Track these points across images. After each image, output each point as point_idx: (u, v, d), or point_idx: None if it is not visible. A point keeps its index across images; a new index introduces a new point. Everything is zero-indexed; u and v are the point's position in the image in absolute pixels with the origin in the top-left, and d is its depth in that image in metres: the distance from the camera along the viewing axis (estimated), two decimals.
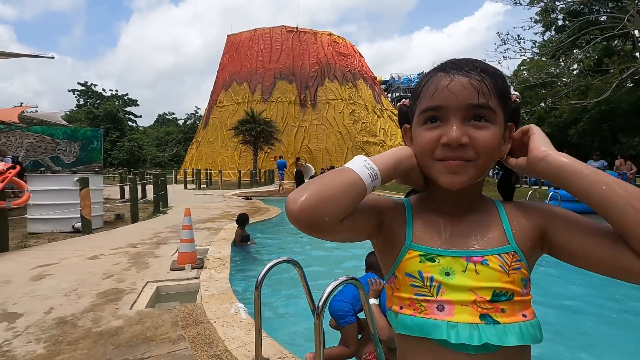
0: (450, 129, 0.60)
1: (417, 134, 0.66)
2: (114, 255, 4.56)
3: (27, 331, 2.44)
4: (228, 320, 2.61)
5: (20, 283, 3.46)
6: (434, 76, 0.64)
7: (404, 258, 0.66)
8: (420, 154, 0.66)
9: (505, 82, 0.65)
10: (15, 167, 5.12)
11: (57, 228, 6.27)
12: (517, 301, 0.61)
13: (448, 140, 0.60)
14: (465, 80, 0.60)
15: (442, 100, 0.61)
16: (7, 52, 9.60)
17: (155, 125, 60.93)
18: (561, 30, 15.12)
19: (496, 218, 0.67)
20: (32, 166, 14.93)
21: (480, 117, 0.61)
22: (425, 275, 0.63)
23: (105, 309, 2.83)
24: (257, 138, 22.36)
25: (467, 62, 0.63)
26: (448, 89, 0.61)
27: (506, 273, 0.61)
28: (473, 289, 0.61)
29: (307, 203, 0.57)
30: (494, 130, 0.61)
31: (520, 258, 0.63)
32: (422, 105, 0.65)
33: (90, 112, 43.34)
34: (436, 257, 0.64)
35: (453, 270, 0.62)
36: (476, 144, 0.60)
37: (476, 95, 0.60)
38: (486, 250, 0.63)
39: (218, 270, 3.83)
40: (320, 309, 1.54)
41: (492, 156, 0.63)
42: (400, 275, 0.66)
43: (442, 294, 0.62)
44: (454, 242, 0.65)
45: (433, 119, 0.63)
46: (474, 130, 0.60)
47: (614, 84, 11.98)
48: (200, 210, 9.21)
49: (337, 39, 33.95)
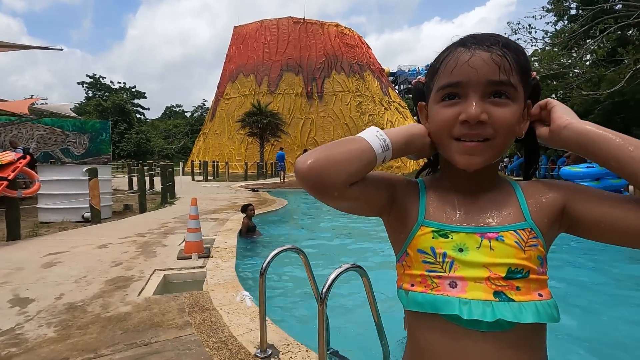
0: (470, 105, 0.58)
1: (434, 111, 0.64)
2: (122, 244, 4.63)
3: (38, 316, 2.50)
4: (234, 307, 2.64)
5: (31, 270, 3.54)
6: (454, 51, 0.62)
7: (416, 234, 0.65)
8: (437, 131, 0.64)
9: (527, 58, 0.63)
10: (25, 157, 5.20)
11: (67, 217, 6.39)
12: (533, 279, 0.59)
13: (467, 117, 0.58)
14: (487, 55, 0.58)
15: (461, 76, 0.59)
16: (17, 44, 9.69)
17: (162, 117, 61.31)
18: (574, 19, 14.74)
19: (512, 195, 0.66)
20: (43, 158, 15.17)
21: (501, 94, 0.59)
22: (438, 251, 0.62)
23: (113, 296, 2.88)
24: (263, 130, 22.37)
25: (489, 36, 0.61)
26: (468, 64, 0.58)
27: (522, 249, 0.59)
28: (487, 265, 0.59)
29: (315, 164, 0.58)
30: (513, 107, 0.59)
31: (536, 235, 0.61)
32: (440, 82, 0.62)
33: (99, 105, 43.73)
34: (449, 233, 0.63)
35: (467, 246, 0.61)
36: (495, 121, 0.58)
37: (497, 71, 0.58)
38: (501, 227, 0.61)
39: (224, 260, 3.87)
40: (323, 295, 1.55)
41: (510, 135, 0.61)
42: (412, 252, 0.65)
43: (454, 270, 0.60)
44: (468, 218, 0.64)
45: (451, 95, 0.61)
46: (493, 108, 0.58)
47: (627, 74, 11.68)
48: (207, 201, 9.28)
49: (345, 30, 33.59)
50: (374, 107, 31.53)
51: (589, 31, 13.34)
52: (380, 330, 1.66)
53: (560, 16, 15.39)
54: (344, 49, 32.13)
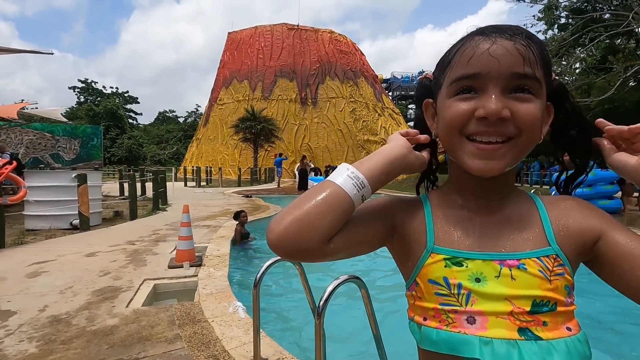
0: (489, 99, 0.50)
1: (445, 106, 0.55)
2: (111, 252, 4.50)
3: (19, 329, 2.38)
4: (226, 319, 2.55)
5: (15, 280, 3.40)
6: (471, 40, 0.53)
7: (425, 263, 0.57)
8: (447, 128, 0.55)
9: (549, 54, 0.55)
10: (12, 162, 5.06)
11: (54, 225, 6.22)
12: (560, 312, 0.52)
13: (486, 113, 0.50)
14: (510, 44, 0.50)
15: (480, 67, 0.51)
16: (7, 47, 9.53)
17: (155, 122, 60.87)
18: (564, 28, 15.01)
19: (534, 214, 0.57)
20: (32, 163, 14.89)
21: (524, 89, 0.51)
22: (452, 282, 0.54)
23: (100, 307, 2.76)
24: (257, 136, 22.30)
25: (510, 26, 0.53)
26: (489, 53, 0.50)
27: (547, 279, 0.52)
28: (509, 297, 0.51)
29: (284, 231, 0.52)
30: (538, 104, 0.52)
31: (563, 262, 0.53)
32: (454, 73, 0.54)
33: (90, 110, 43.26)
34: (464, 260, 0.55)
35: (484, 275, 0.53)
36: (518, 118, 0.50)
37: (522, 63, 0.50)
38: (523, 253, 0.54)
39: (217, 268, 3.77)
40: (321, 309, 1.48)
41: (534, 135, 0.53)
42: (422, 283, 0.57)
43: (472, 303, 0.52)
44: (484, 242, 0.56)
45: (467, 89, 0.53)
46: (516, 103, 0.50)
47: (617, 82, 11.88)
48: (199, 207, 9.14)
49: (339, 36, 33.83)
50: (368, 113, 31.68)
51: (578, 39, 13.57)
52: (379, 344, 1.59)
53: (550, 25, 15.66)
54: (338, 56, 32.32)
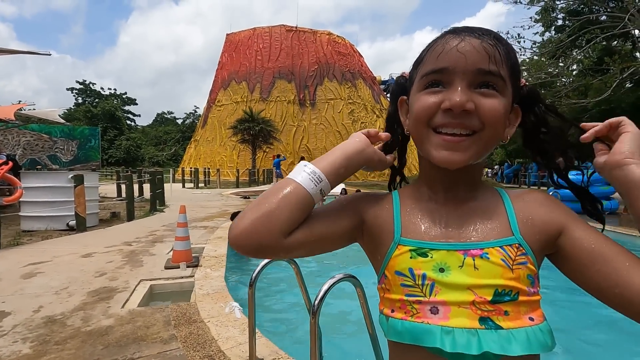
0: (454, 92, 0.52)
1: (415, 100, 0.58)
2: (107, 253, 4.48)
3: (13, 330, 2.37)
4: (222, 319, 2.54)
5: (10, 281, 3.38)
6: (442, 38, 0.56)
7: (393, 255, 0.58)
8: (416, 121, 0.57)
9: (517, 58, 0.58)
10: (8, 163, 5.03)
11: (51, 226, 6.18)
12: (522, 302, 0.52)
13: (451, 105, 0.52)
14: (477, 42, 0.53)
15: (448, 62, 0.53)
16: (4, 48, 9.51)
17: (153, 124, 60.84)
18: (561, 29, 15.07)
19: (499, 206, 0.59)
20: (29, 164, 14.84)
21: (489, 85, 0.53)
22: (416, 272, 0.55)
23: (96, 308, 2.75)
24: (255, 137, 22.30)
25: (482, 28, 0.57)
26: (457, 49, 0.53)
27: (509, 268, 0.53)
28: (472, 287, 0.52)
29: (244, 229, 0.54)
30: (502, 101, 0.54)
31: (525, 251, 0.54)
32: (424, 68, 0.57)
33: (88, 111, 43.21)
34: (429, 251, 0.56)
35: (448, 265, 0.54)
36: (482, 112, 0.52)
37: (487, 60, 0.52)
38: (486, 242, 0.55)
39: (214, 269, 3.75)
40: (316, 307, 1.48)
41: (499, 129, 0.55)
42: (390, 275, 0.58)
43: (436, 293, 0.53)
44: (449, 233, 0.57)
45: (435, 83, 0.55)
46: (480, 98, 0.53)
47: (614, 83, 11.93)
48: (197, 209, 9.12)
49: (337, 38, 33.89)
50: (366, 115, 31.72)
51: (575, 41, 13.63)
52: (375, 343, 1.59)
53: (547, 26, 15.74)
54: (336, 57, 32.38)
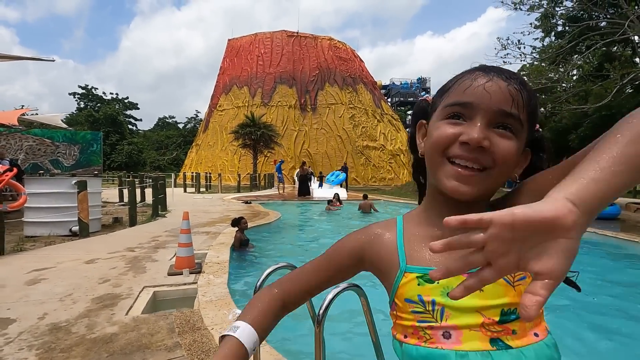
0: (474, 128, 0.55)
1: (435, 127, 0.60)
2: (111, 259, 4.50)
3: (19, 337, 2.38)
4: (226, 327, 2.54)
5: (14, 287, 3.40)
6: (471, 73, 0.59)
7: (400, 283, 0.60)
8: (432, 147, 0.59)
9: (537, 104, 0.60)
10: (12, 169, 5.07)
11: (54, 231, 6.21)
12: None
13: (468, 139, 0.54)
14: (504, 85, 0.56)
15: (473, 97, 0.56)
16: (8, 54, 9.61)
17: (155, 128, 61.00)
18: (561, 35, 15.17)
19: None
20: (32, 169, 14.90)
21: (507, 127, 0.56)
22: (426, 299, 0.57)
23: (100, 315, 2.76)
24: (257, 142, 22.37)
25: (509, 71, 0.59)
26: (484, 87, 0.56)
27: (511, 286, 0.55)
28: (480, 309, 0.55)
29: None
30: (516, 144, 0.56)
31: None
32: (449, 99, 0.59)
33: (90, 115, 43.38)
34: None
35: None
36: (496, 151, 0.55)
37: (510, 103, 0.55)
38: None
39: (216, 275, 3.77)
40: (320, 317, 1.49)
41: (508, 170, 0.58)
42: (400, 302, 0.60)
43: (446, 318, 0.56)
44: (451, 257, 0.58)
45: (457, 115, 0.57)
46: (497, 137, 0.55)
47: (614, 89, 11.98)
48: (199, 214, 9.15)
49: (338, 43, 34.10)
50: (367, 120, 31.82)
51: (575, 47, 13.71)
52: (379, 353, 1.60)
53: (547, 32, 15.83)
54: (337, 62, 32.56)
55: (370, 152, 30.36)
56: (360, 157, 29.71)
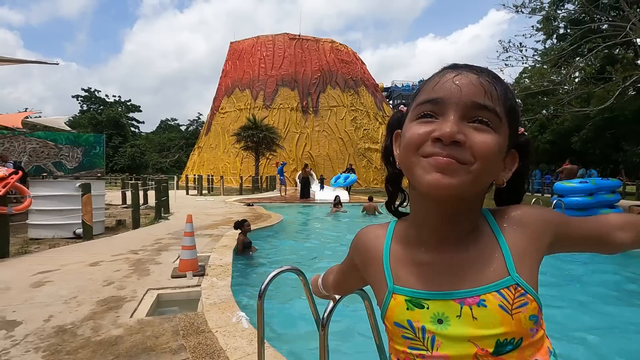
0: (445, 123, 0.50)
1: (407, 129, 0.55)
2: (114, 261, 4.52)
3: (25, 340, 2.41)
4: (230, 329, 2.57)
5: (20, 290, 3.43)
6: (440, 72, 0.56)
7: (389, 305, 0.57)
8: (405, 148, 0.55)
9: (516, 101, 0.56)
10: (17, 172, 5.12)
11: (58, 234, 6.25)
12: (526, 346, 0.52)
13: (440, 134, 0.49)
14: (474, 77, 0.52)
15: (442, 92, 0.52)
16: (13, 58, 9.69)
17: (157, 131, 61.24)
18: (563, 38, 15.17)
19: (491, 241, 0.55)
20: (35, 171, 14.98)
21: (482, 121, 0.51)
22: (415, 325, 0.54)
23: (105, 317, 2.79)
24: (259, 144, 22.42)
25: (480, 67, 0.56)
26: (453, 81, 0.52)
27: (509, 314, 0.51)
28: (472, 339, 0.51)
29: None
30: (496, 137, 0.51)
31: (525, 290, 0.52)
32: (419, 99, 0.56)
33: (93, 118, 43.62)
34: (424, 301, 0.54)
35: (446, 316, 0.53)
36: (473, 145, 0.50)
37: (483, 94, 0.51)
38: (481, 288, 0.52)
39: (219, 278, 3.79)
40: (325, 320, 1.50)
41: (490, 168, 0.52)
42: (389, 325, 0.58)
43: (437, 347, 0.53)
44: (442, 280, 0.55)
45: (428, 114, 0.53)
46: (472, 131, 0.50)
47: (616, 92, 11.97)
48: (201, 216, 9.17)
49: (339, 46, 34.18)
50: (369, 122, 31.84)
51: (577, 49, 13.70)
52: (383, 357, 1.61)
53: (549, 35, 15.83)
54: (339, 65, 32.62)
55: (372, 154, 30.35)
56: (362, 159, 29.70)
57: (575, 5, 13.91)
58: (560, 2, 14.35)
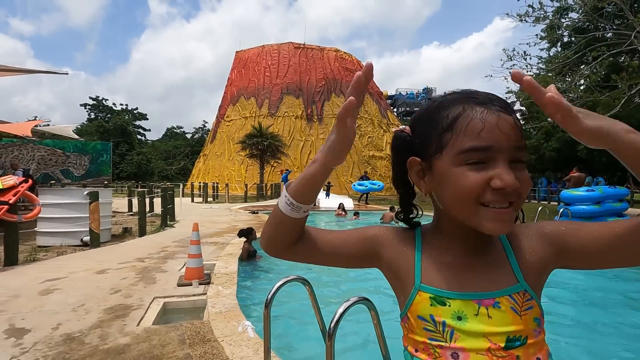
0: (504, 172, 0.55)
1: (457, 175, 0.58)
2: (121, 269, 4.56)
3: (34, 347, 2.43)
4: (235, 338, 2.58)
5: (28, 297, 3.47)
6: (470, 109, 0.58)
7: (415, 300, 0.64)
8: (462, 197, 0.58)
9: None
10: (27, 181, 5.20)
11: (65, 241, 6.31)
12: (531, 344, 0.59)
13: (504, 185, 0.54)
14: (511, 120, 0.57)
15: (492, 141, 0.55)
16: (24, 68, 9.91)
17: (163, 138, 61.82)
18: (567, 46, 15.21)
19: (502, 254, 0.64)
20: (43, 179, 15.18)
21: (520, 159, 0.58)
22: (437, 319, 0.61)
23: (112, 326, 2.81)
24: (263, 152, 22.54)
25: (494, 96, 0.59)
26: (499, 128, 0.55)
27: (519, 315, 0.59)
28: (487, 334, 0.58)
29: (263, 242, 0.72)
30: (526, 170, 0.60)
31: (531, 296, 0.60)
32: (463, 143, 0.57)
33: (100, 126, 44.17)
34: (446, 299, 0.61)
35: (465, 314, 0.60)
36: (522, 186, 0.57)
37: (520, 136, 0.57)
38: (497, 292, 0.60)
39: (225, 287, 3.80)
40: (332, 330, 1.51)
41: (525, 197, 0.61)
42: (412, 318, 0.64)
43: (455, 340, 0.59)
44: (464, 282, 0.62)
45: (475, 159, 0.56)
46: (518, 173, 0.57)
47: (622, 100, 11.92)
48: (206, 224, 9.21)
49: (344, 55, 34.48)
50: (373, 130, 31.92)
51: (582, 57, 13.70)
52: None
53: (553, 43, 15.87)
54: (343, 73, 32.86)
55: (376, 162, 30.36)
56: (367, 167, 29.71)
57: (579, 14, 13.95)
58: (564, 11, 14.40)
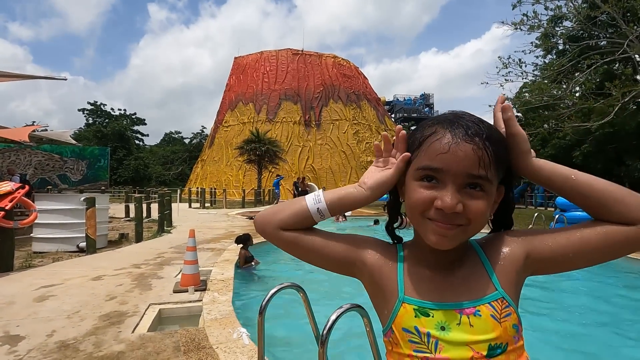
0: (446, 194, 0.59)
1: (411, 188, 0.65)
2: (117, 276, 4.55)
3: (28, 355, 2.43)
4: (230, 345, 2.58)
5: (23, 304, 3.46)
6: (439, 131, 0.62)
7: (399, 313, 0.65)
8: (411, 209, 0.65)
9: (506, 148, 0.64)
10: (24, 187, 5.20)
11: (61, 247, 6.29)
12: (511, 351, 0.61)
13: (442, 207, 0.59)
14: (469, 148, 0.59)
15: (443, 164, 0.60)
16: (22, 74, 9.93)
17: (161, 143, 61.77)
18: (562, 54, 15.38)
19: (479, 264, 0.67)
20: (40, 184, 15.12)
21: (477, 186, 0.60)
22: (422, 330, 0.62)
23: (107, 333, 2.81)
24: (261, 157, 22.55)
25: (474, 124, 0.62)
26: (454, 154, 0.59)
27: (498, 322, 0.61)
28: (469, 343, 0.60)
29: (261, 214, 0.77)
30: (486, 200, 0.61)
31: (508, 303, 0.63)
32: (421, 161, 0.63)
33: (98, 131, 44.10)
34: (430, 310, 0.63)
35: (448, 324, 0.62)
36: (469, 212, 0.60)
37: (477, 166, 0.59)
38: (476, 300, 0.63)
39: (221, 293, 3.80)
40: (324, 337, 1.53)
41: (482, 223, 0.63)
42: (397, 331, 0.65)
43: (440, 350, 0.61)
44: (445, 293, 0.65)
45: (429, 177, 0.62)
46: (468, 199, 0.60)
47: (616, 107, 12.06)
48: (203, 230, 9.20)
49: (342, 61, 34.69)
50: (371, 135, 32.02)
51: (577, 65, 13.87)
52: None
53: (548, 51, 16.05)
54: (341, 79, 33.04)
55: None
56: (364, 172, 29.77)
57: (573, 22, 14.15)
58: (558, 19, 14.60)
